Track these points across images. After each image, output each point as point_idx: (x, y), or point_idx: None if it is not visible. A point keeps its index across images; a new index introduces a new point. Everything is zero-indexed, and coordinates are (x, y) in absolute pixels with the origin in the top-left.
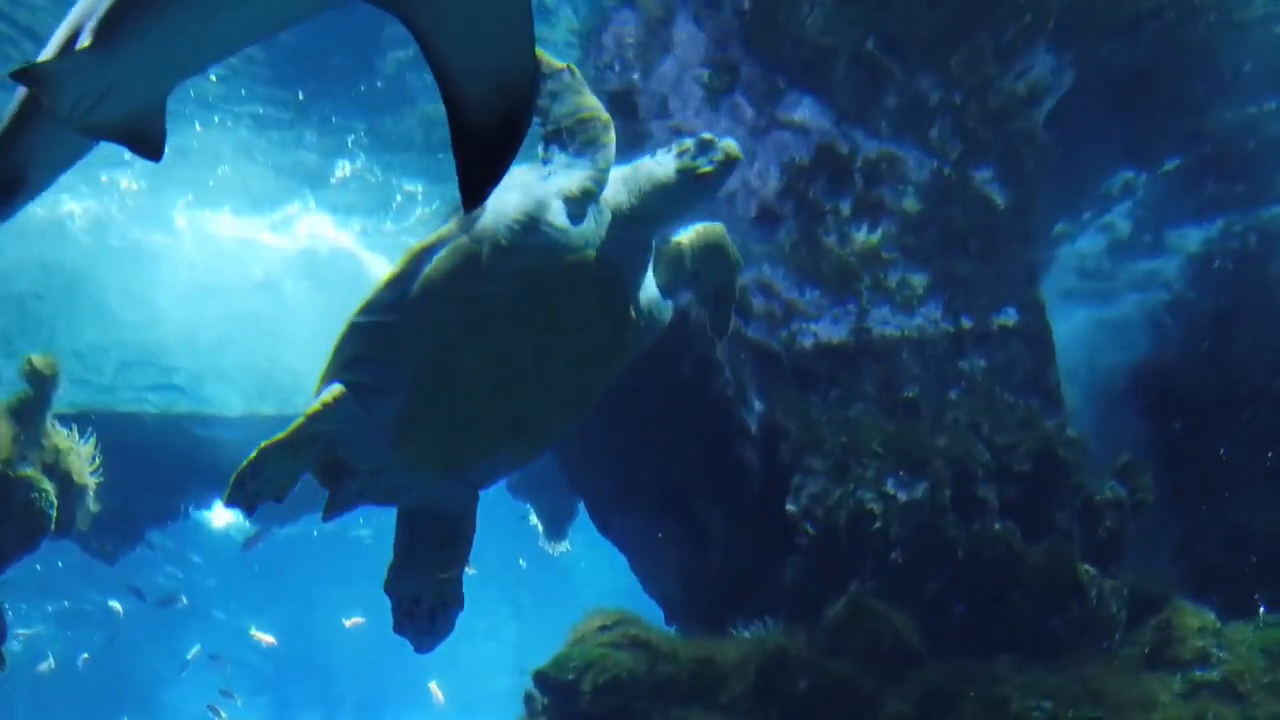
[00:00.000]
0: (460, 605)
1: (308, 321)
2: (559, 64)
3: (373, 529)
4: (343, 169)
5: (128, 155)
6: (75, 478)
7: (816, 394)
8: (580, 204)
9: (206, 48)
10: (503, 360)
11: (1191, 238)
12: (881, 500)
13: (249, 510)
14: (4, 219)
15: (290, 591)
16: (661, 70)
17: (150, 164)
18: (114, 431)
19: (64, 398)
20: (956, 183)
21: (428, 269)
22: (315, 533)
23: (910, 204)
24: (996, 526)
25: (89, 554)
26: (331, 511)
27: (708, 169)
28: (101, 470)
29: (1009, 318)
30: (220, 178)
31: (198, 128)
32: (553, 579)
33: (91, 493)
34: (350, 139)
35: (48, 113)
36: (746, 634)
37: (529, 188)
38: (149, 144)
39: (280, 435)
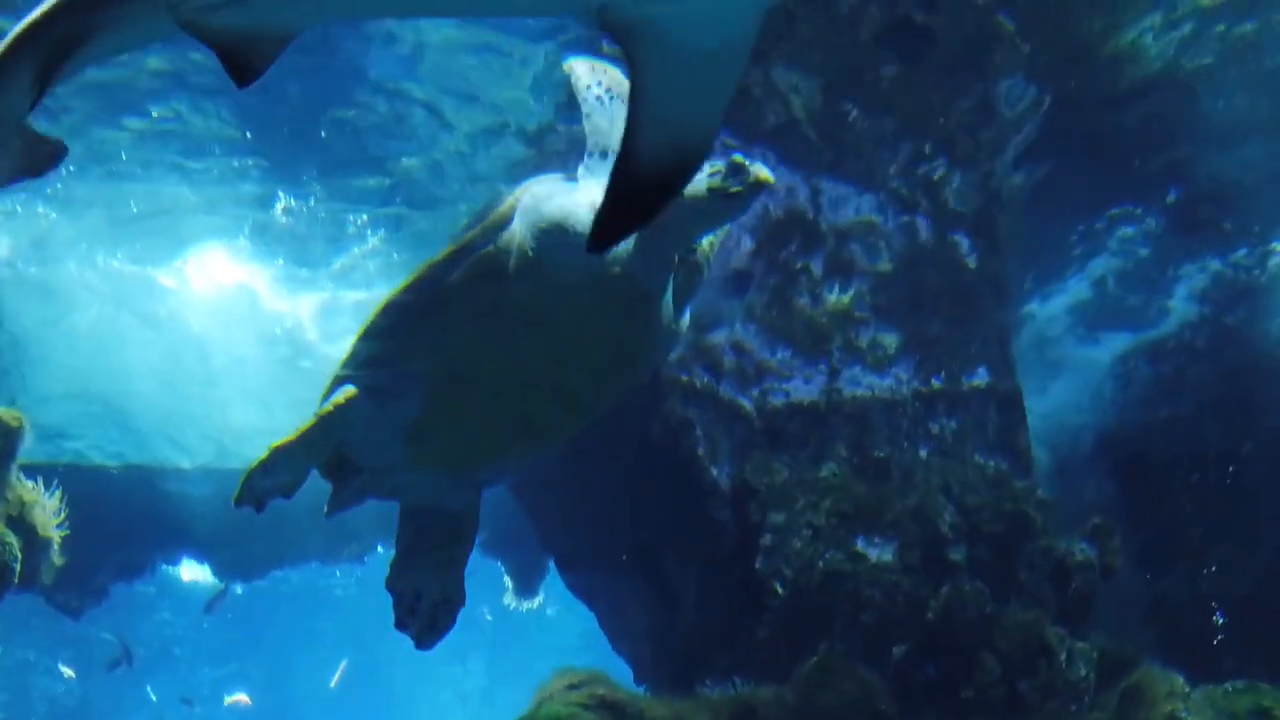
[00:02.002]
0: (462, 601)
1: (246, 372)
2: (626, 82)
3: (353, 581)
4: (284, 203)
5: (51, 189)
6: (40, 531)
7: (787, 453)
8: (589, 214)
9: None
10: (520, 369)
11: (1164, 299)
12: (852, 560)
13: (259, 508)
14: (55, 79)
15: (267, 647)
16: None
17: (68, 195)
18: (80, 485)
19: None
20: (928, 243)
21: (451, 276)
22: (291, 586)
23: (882, 264)
24: (966, 587)
25: (53, 608)
26: (334, 507)
27: (738, 189)
28: (66, 523)
29: (980, 379)
30: (145, 209)
31: (124, 157)
32: (518, 636)
33: (56, 546)
34: (302, 177)
35: None
36: (716, 694)
37: (560, 199)
38: (247, 70)
39: (292, 435)
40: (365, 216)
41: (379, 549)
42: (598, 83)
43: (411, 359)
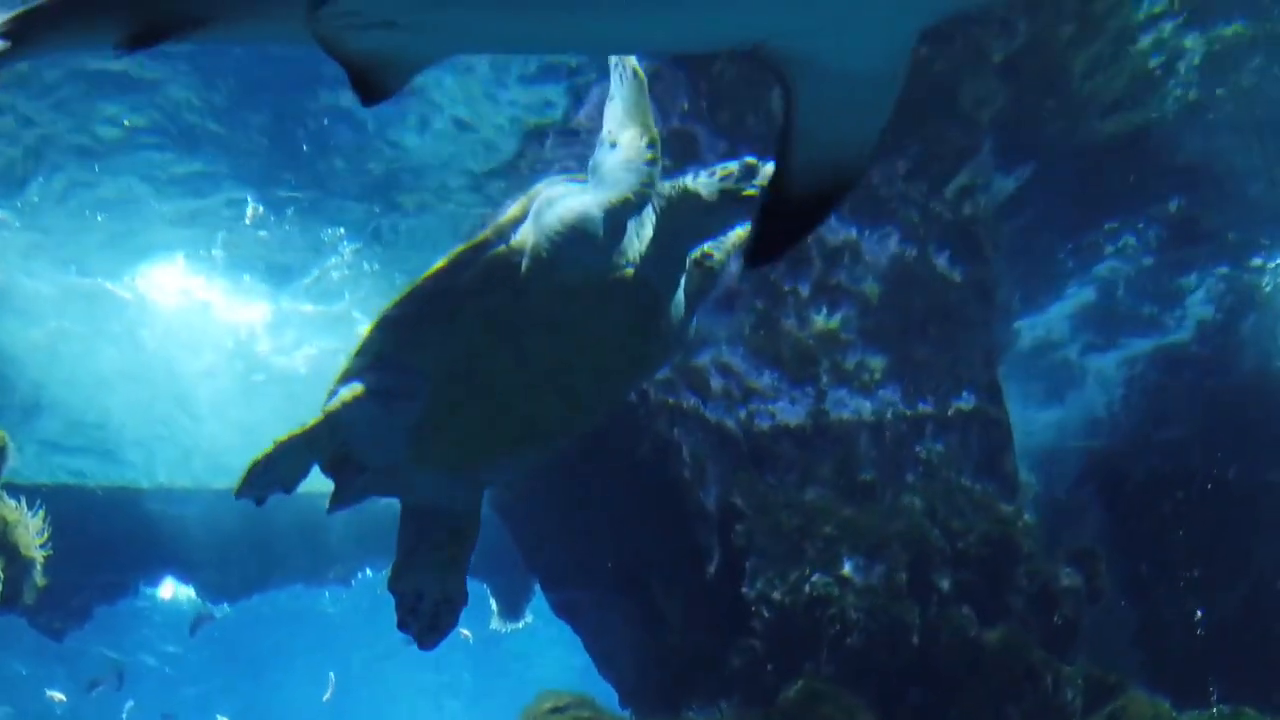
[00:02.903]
0: (464, 601)
1: (217, 387)
2: (641, 74)
3: (340, 607)
4: (254, 208)
5: (21, 201)
6: (22, 550)
7: (774, 476)
8: (620, 217)
9: (547, 38)
10: (528, 370)
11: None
12: (838, 584)
13: (259, 502)
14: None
15: (253, 667)
16: None
17: (36, 205)
18: (62, 505)
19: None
20: (915, 266)
21: (463, 276)
22: (277, 607)
23: (869, 287)
24: (953, 612)
25: (36, 630)
26: (336, 504)
27: (751, 193)
28: (49, 544)
29: (966, 402)
30: (112, 221)
31: (97, 169)
32: (502, 657)
33: (39, 566)
34: (279, 192)
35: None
36: (701, 717)
37: (572, 199)
38: (375, 91)
39: (296, 431)
40: (342, 230)
41: (366, 571)
42: (620, 60)
43: (420, 358)
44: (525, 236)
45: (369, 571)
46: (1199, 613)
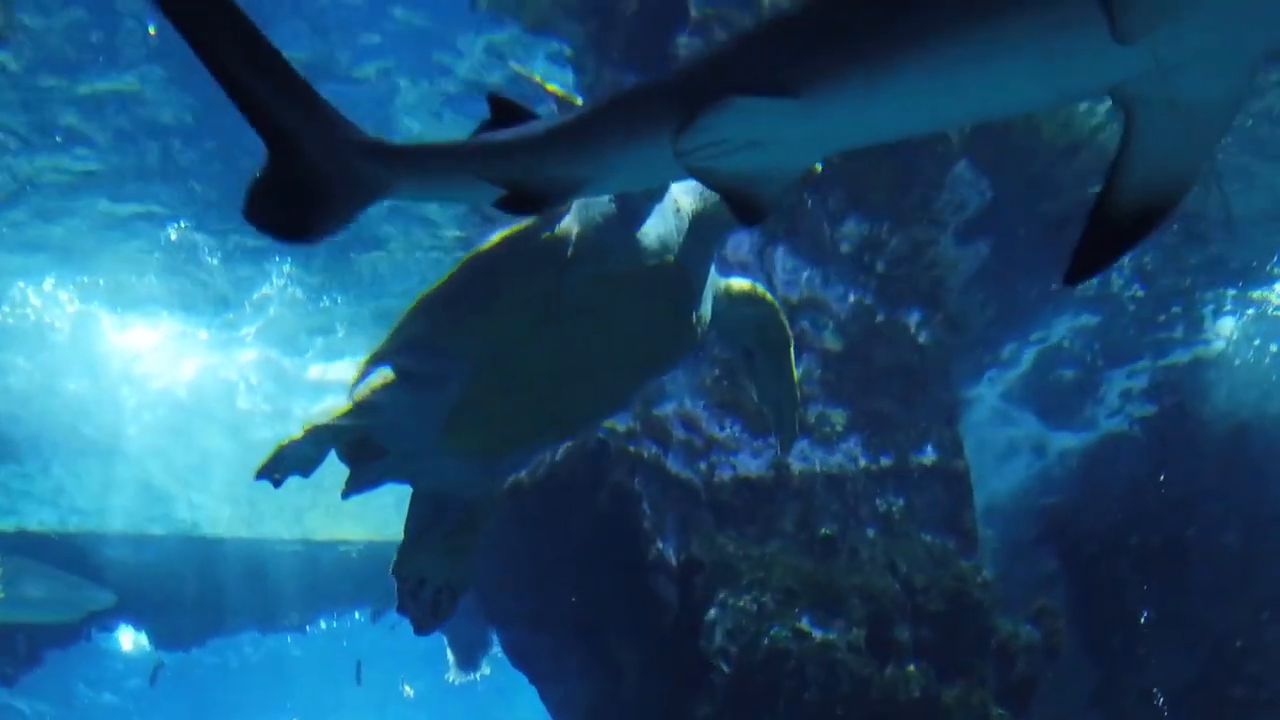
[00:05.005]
0: (465, 589)
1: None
2: None
3: (304, 650)
4: (178, 227)
5: None
6: None
7: (734, 528)
8: (658, 204)
9: (915, 120)
10: (564, 359)
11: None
12: (797, 638)
13: (276, 484)
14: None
15: (210, 713)
16: None
17: None
18: (14, 549)
19: None
20: (878, 321)
21: (507, 261)
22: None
23: (832, 340)
24: (910, 667)
25: None
26: (352, 489)
27: None
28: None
29: (927, 456)
30: (12, 233)
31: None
32: (460, 708)
33: None
34: (215, 225)
35: (665, 139)
36: None
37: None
38: (755, 210)
39: (325, 419)
40: (287, 266)
41: (333, 623)
42: None
43: (456, 343)
44: (571, 223)
45: (335, 622)
46: (1156, 675)
